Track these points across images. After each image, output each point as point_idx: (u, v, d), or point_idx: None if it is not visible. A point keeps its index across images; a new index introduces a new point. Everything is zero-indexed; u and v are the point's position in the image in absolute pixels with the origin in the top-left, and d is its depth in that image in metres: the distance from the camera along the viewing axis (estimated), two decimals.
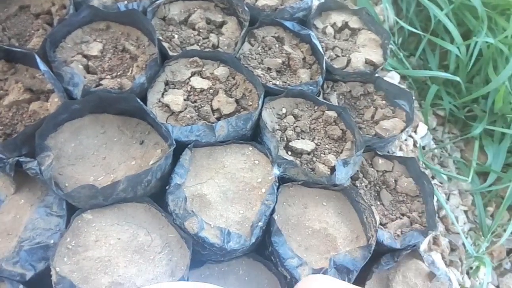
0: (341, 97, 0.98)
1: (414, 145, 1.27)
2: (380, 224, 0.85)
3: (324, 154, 0.83)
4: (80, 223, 0.70)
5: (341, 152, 0.85)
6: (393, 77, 1.35)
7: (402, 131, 0.92)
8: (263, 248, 0.79)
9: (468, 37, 1.39)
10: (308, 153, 0.82)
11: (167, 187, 0.74)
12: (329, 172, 0.80)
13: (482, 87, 1.31)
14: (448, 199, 1.28)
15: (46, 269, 0.67)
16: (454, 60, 1.38)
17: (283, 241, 0.73)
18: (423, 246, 1.04)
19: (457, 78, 1.29)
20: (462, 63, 1.35)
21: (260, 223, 0.73)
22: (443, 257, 1.12)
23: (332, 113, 0.87)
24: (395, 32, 1.47)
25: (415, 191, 0.89)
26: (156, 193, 0.78)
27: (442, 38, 1.43)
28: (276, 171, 0.79)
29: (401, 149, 1.20)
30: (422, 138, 1.32)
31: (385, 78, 1.01)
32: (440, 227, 1.20)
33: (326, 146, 0.84)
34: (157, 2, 0.91)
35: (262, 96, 0.82)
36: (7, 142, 0.71)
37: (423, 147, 1.31)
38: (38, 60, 0.75)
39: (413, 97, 0.95)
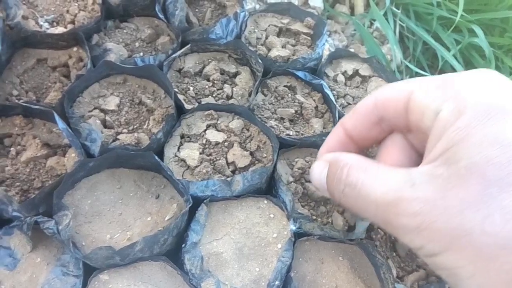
0: None
1: None
2: (397, 277, 0.84)
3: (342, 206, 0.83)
4: (97, 284, 0.69)
5: None
6: None
7: None
8: None
9: None
10: (325, 205, 0.82)
11: (183, 245, 0.74)
12: (347, 226, 0.79)
13: None
14: None
15: None
16: None
17: None
18: None
19: None
20: None
21: (277, 282, 0.73)
22: None
23: None
24: (402, 71, 1.49)
25: None
26: (172, 249, 0.77)
27: None
28: (292, 227, 0.78)
29: None
30: None
31: None
32: None
33: None
34: (173, 55, 0.92)
35: (277, 149, 0.83)
36: (25, 202, 0.71)
37: None
38: (57, 117, 0.76)
39: None
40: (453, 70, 1.41)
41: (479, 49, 1.43)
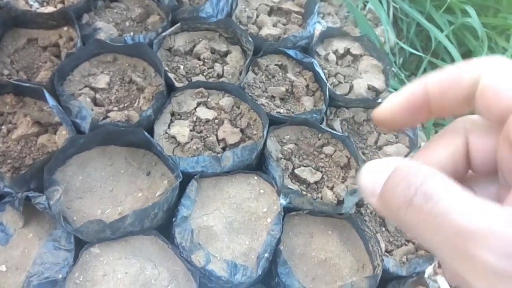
0: (344, 123, 0.99)
1: None
2: (386, 251, 0.85)
3: (331, 181, 0.84)
4: (88, 258, 0.70)
5: (345, 180, 0.86)
6: None
7: (405, 156, 0.92)
8: (269, 278, 0.79)
9: (469, 57, 1.40)
10: (315, 182, 0.83)
11: (173, 219, 0.75)
12: (336, 201, 0.80)
13: None
14: None
15: None
16: None
17: (290, 272, 0.74)
18: (428, 271, 1.04)
19: None
20: None
21: (266, 254, 0.74)
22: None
23: (334, 146, 0.88)
24: (396, 53, 1.49)
25: None
26: (163, 224, 0.78)
27: (443, 58, 1.45)
28: (282, 201, 0.79)
29: None
30: None
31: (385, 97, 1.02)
32: None
33: (333, 173, 0.85)
34: (163, 34, 0.92)
35: (266, 126, 0.83)
36: (16, 178, 0.72)
37: None
38: (47, 95, 0.77)
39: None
40: (446, 51, 1.41)
41: (472, 30, 1.42)
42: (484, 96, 0.29)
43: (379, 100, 1.00)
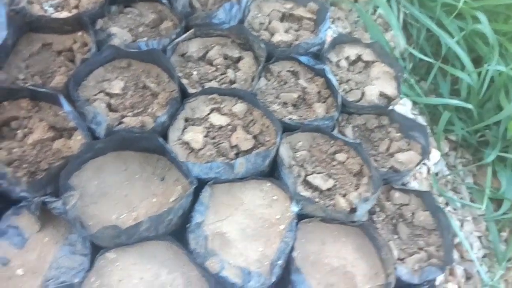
0: (356, 129, 0.99)
1: (428, 172, 1.28)
2: (398, 258, 0.85)
3: (344, 188, 0.84)
4: (103, 262, 0.71)
5: (358, 187, 0.86)
6: (405, 104, 1.37)
7: (417, 164, 0.92)
8: (282, 285, 0.80)
9: (479, 63, 1.40)
10: (328, 189, 0.83)
11: (187, 226, 0.76)
12: (349, 208, 0.81)
13: (494, 113, 1.32)
14: (461, 225, 1.28)
15: None
16: (466, 87, 1.39)
17: (303, 279, 0.74)
18: (439, 279, 1.04)
19: (470, 106, 1.30)
20: (474, 90, 1.36)
21: (280, 261, 0.74)
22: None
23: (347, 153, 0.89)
24: (405, 58, 1.49)
25: (431, 224, 0.89)
26: (177, 230, 0.79)
27: (453, 64, 1.44)
28: (295, 208, 0.80)
29: (415, 178, 1.20)
30: (435, 165, 1.32)
31: (398, 105, 1.02)
32: (455, 255, 1.20)
33: (346, 181, 0.86)
34: (176, 40, 0.93)
35: (280, 133, 0.83)
36: (33, 183, 0.73)
37: (436, 174, 1.31)
38: (63, 100, 0.77)
39: (428, 131, 0.96)
40: (457, 57, 1.41)
41: (483, 36, 1.42)
42: None
43: (391, 107, 1.01)
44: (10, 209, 0.75)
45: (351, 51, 1.07)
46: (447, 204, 1.28)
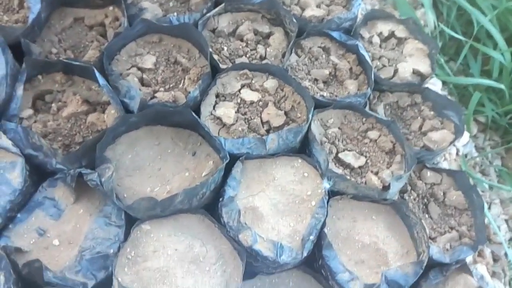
0: (387, 107, 0.97)
1: (457, 153, 1.26)
2: (429, 237, 0.84)
3: (376, 166, 0.83)
4: (139, 234, 0.72)
5: (390, 165, 0.85)
6: (435, 84, 1.33)
7: (451, 143, 0.91)
8: (312, 260, 0.80)
9: None
10: (359, 167, 0.82)
11: (220, 199, 0.76)
12: (381, 186, 0.80)
13: None
14: (489, 208, 1.26)
15: (106, 279, 0.70)
16: (498, 67, 1.35)
17: (334, 255, 0.74)
18: (467, 259, 1.03)
19: (502, 86, 1.27)
20: (506, 69, 1.32)
21: (311, 237, 0.74)
22: (487, 269, 1.10)
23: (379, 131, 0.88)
24: (436, 36, 1.45)
25: (463, 204, 0.88)
26: (209, 203, 0.79)
27: (484, 43, 1.40)
28: (326, 185, 0.79)
29: (445, 159, 1.18)
30: (464, 146, 1.30)
31: (427, 85, 1.00)
32: None
33: (378, 158, 0.85)
34: (207, 14, 0.92)
35: (311, 109, 0.82)
36: (68, 155, 0.74)
37: (465, 155, 1.29)
38: (97, 74, 0.78)
39: (462, 109, 0.94)
40: (490, 35, 1.36)
41: None
42: None
43: (425, 85, 0.98)
44: (46, 180, 0.76)
45: (384, 27, 1.04)
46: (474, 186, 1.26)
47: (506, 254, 1.17)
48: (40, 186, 0.76)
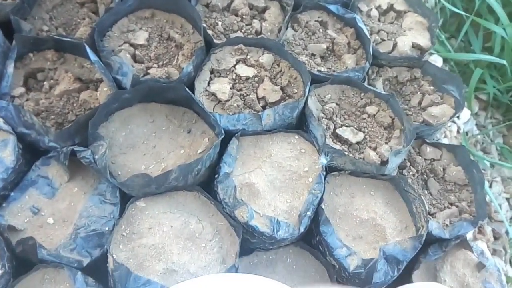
0: (386, 82, 0.95)
1: (458, 131, 1.24)
2: (428, 213, 0.83)
3: (374, 141, 0.82)
4: (134, 211, 0.71)
5: (389, 141, 0.83)
6: (435, 61, 1.31)
7: (451, 118, 0.89)
8: (310, 236, 0.79)
9: None
10: (357, 142, 0.81)
11: (216, 176, 0.75)
12: (379, 161, 0.79)
13: None
14: (490, 186, 1.25)
15: (101, 256, 0.70)
16: (499, 42, 1.32)
17: (332, 231, 0.73)
18: (468, 235, 1.03)
19: (503, 62, 1.24)
20: (508, 45, 1.29)
21: (308, 213, 0.73)
22: (487, 246, 1.10)
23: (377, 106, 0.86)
24: (437, 11, 1.42)
25: (464, 179, 0.87)
26: (204, 181, 0.78)
27: (486, 19, 1.37)
28: (323, 160, 0.78)
29: (445, 136, 1.17)
30: (465, 124, 1.28)
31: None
32: None
33: (376, 134, 0.83)
34: None
35: (308, 84, 0.81)
36: (61, 132, 0.73)
37: (466, 133, 1.27)
38: (89, 50, 0.76)
39: (463, 84, 0.92)
40: (491, 11, 1.33)
41: None
42: None
43: (424, 59, 0.96)
44: (40, 159, 0.75)
45: (383, 1, 1.02)
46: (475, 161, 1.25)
47: (507, 232, 1.16)
48: (33, 165, 0.75)
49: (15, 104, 0.74)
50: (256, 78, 0.84)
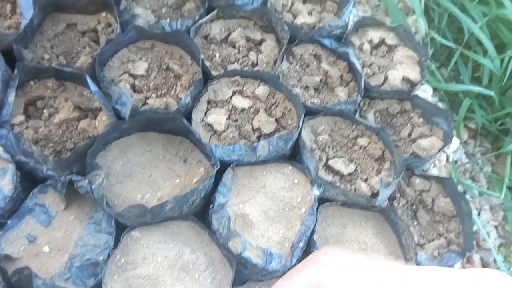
0: (377, 114, 0.98)
1: (447, 160, 1.27)
2: (418, 244, 0.85)
3: (365, 173, 0.84)
4: (129, 241, 0.72)
5: (380, 172, 0.86)
6: (425, 90, 1.35)
7: (440, 150, 0.92)
8: None
9: (502, 50, 1.37)
10: (349, 174, 0.83)
11: (211, 206, 0.76)
12: (370, 193, 0.81)
13: None
14: (479, 214, 1.28)
15: (96, 286, 0.70)
16: (488, 74, 1.37)
17: None
18: (456, 265, 1.04)
19: (491, 93, 1.28)
20: (496, 76, 1.34)
21: (300, 244, 0.75)
22: None
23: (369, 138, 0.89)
24: (427, 43, 1.46)
25: (452, 211, 0.89)
26: (199, 210, 0.80)
27: (474, 50, 1.42)
28: (316, 192, 0.80)
29: (434, 165, 1.19)
30: (454, 153, 1.31)
31: (418, 92, 1.02)
32: None
33: (367, 165, 0.85)
34: (200, 21, 0.92)
35: (302, 116, 0.83)
36: (59, 161, 0.74)
37: (455, 162, 1.30)
38: (89, 80, 0.78)
39: (452, 116, 0.95)
40: (479, 43, 1.38)
41: (507, 22, 1.39)
42: None
43: (415, 89, 1.00)
44: (37, 187, 0.77)
45: (375, 35, 1.05)
46: (464, 192, 1.27)
47: (495, 260, 1.18)
48: (30, 193, 0.76)
49: (15, 132, 0.76)
50: (251, 110, 0.86)
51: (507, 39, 1.39)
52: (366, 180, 0.84)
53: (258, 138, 0.85)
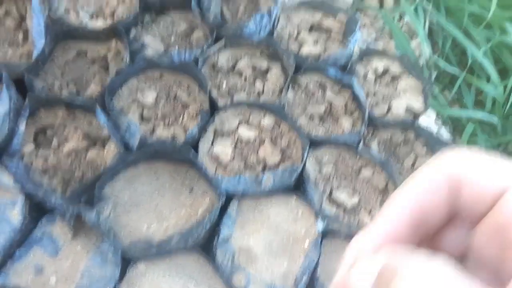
0: (381, 144, 0.99)
1: None
2: None
3: (369, 204, 0.85)
4: (134, 274, 0.73)
5: (383, 204, 0.86)
6: (429, 115, 1.36)
7: None
8: None
9: (506, 74, 1.38)
10: (353, 205, 0.84)
11: (216, 238, 0.77)
12: None
13: None
14: None
15: None
16: (491, 99, 1.38)
17: None
18: None
19: (494, 120, 1.29)
20: (499, 102, 1.35)
21: (304, 277, 0.76)
22: None
23: (373, 168, 0.89)
24: (431, 66, 1.48)
25: None
26: (204, 241, 0.81)
27: (478, 75, 1.43)
28: (320, 226, 0.81)
29: None
30: None
31: (422, 116, 1.03)
32: None
33: (371, 196, 0.86)
34: (208, 51, 0.94)
35: (307, 148, 0.84)
36: (67, 192, 0.75)
37: None
38: (99, 111, 0.79)
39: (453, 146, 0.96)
40: (482, 67, 1.39)
41: (511, 48, 1.40)
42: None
43: (418, 122, 1.01)
44: (45, 217, 0.78)
45: (379, 64, 1.07)
46: None
47: None
48: (39, 222, 0.77)
49: (25, 163, 0.77)
50: (257, 140, 0.88)
51: (511, 65, 1.40)
52: (369, 212, 0.85)
53: (263, 169, 0.86)
